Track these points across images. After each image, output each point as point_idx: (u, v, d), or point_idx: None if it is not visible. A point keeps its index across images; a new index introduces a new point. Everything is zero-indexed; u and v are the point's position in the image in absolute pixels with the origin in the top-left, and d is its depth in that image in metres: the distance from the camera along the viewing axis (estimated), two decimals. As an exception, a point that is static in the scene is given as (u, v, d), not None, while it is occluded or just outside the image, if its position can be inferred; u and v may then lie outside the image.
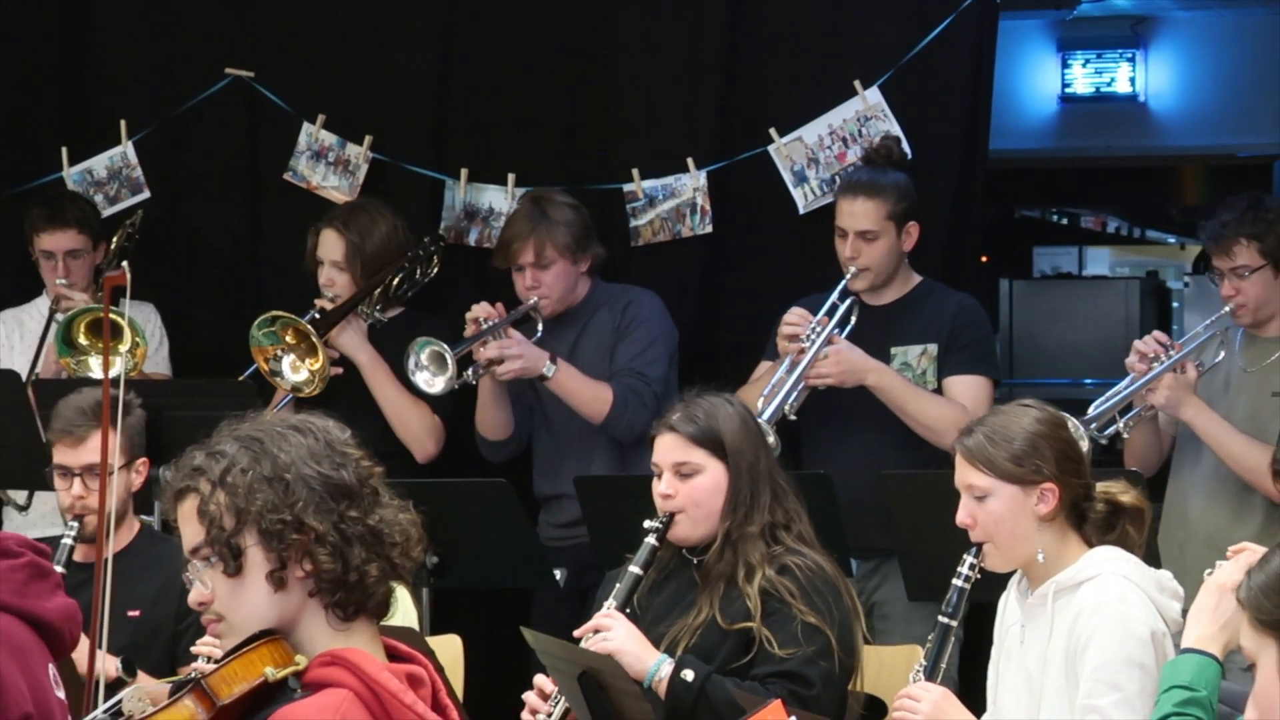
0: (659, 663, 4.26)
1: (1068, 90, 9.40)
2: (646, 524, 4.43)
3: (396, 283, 6.16)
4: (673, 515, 4.43)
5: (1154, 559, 4.22)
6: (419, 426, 6.02)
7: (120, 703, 3.00)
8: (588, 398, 5.85)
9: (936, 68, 6.16)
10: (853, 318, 5.72)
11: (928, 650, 4.16)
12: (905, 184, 5.76)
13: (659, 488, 4.46)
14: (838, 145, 6.19)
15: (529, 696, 4.38)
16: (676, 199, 6.32)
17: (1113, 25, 9.14)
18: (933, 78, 6.17)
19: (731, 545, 4.38)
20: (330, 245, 6.07)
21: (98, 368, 5.97)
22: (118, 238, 6.45)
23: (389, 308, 6.16)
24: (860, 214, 5.70)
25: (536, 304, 5.92)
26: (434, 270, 6.26)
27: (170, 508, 2.86)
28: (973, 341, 5.75)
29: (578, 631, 4.35)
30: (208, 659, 4.30)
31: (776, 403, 5.52)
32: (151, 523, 5.26)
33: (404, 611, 4.62)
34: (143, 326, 6.12)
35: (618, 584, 4.43)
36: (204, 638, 4.36)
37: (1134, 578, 3.98)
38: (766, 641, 4.29)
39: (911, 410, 5.61)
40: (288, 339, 5.97)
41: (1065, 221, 14.06)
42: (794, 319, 5.63)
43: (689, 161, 6.30)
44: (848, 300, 5.73)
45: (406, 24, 6.56)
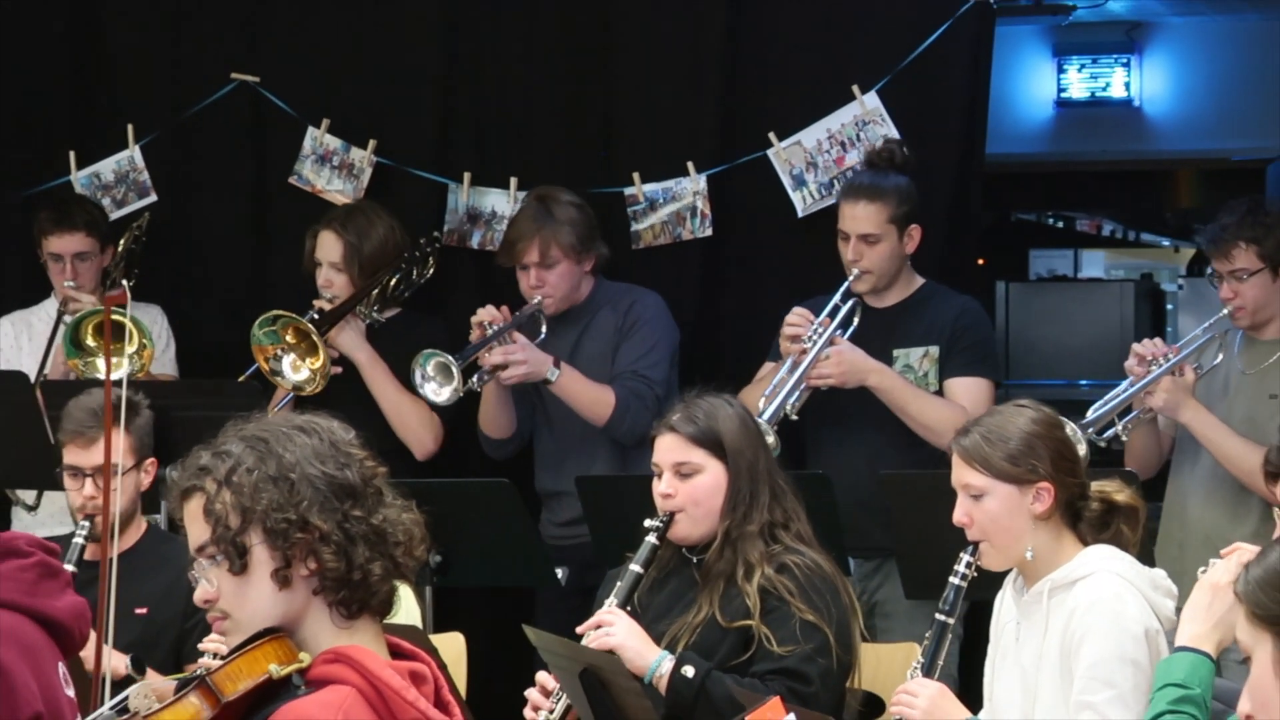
0: (660, 659, 4.27)
1: (1063, 95, 9.37)
2: (647, 523, 4.45)
3: (393, 284, 6.17)
4: (673, 514, 4.44)
5: (1147, 558, 4.24)
6: (418, 424, 6.03)
7: (126, 699, 2.99)
8: (590, 401, 5.87)
9: (934, 73, 6.17)
10: (855, 319, 5.72)
11: (925, 647, 4.18)
12: (907, 187, 5.75)
13: (659, 487, 4.47)
14: (836, 149, 6.20)
15: (531, 694, 4.40)
16: (677, 202, 6.32)
17: (1108, 31, 9.10)
18: (930, 82, 6.18)
19: (731, 544, 4.39)
20: (328, 247, 6.07)
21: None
22: (125, 241, 6.46)
23: (386, 308, 6.17)
24: (862, 217, 5.70)
25: (541, 304, 5.92)
26: (430, 271, 6.27)
27: (176, 507, 2.87)
28: (974, 344, 5.75)
29: (580, 628, 4.36)
30: (214, 655, 4.32)
31: (778, 403, 5.53)
32: (158, 522, 5.29)
33: (407, 609, 4.64)
34: (149, 328, 6.13)
35: (619, 582, 4.44)
36: (210, 635, 4.38)
37: (1128, 576, 3.99)
38: (765, 639, 4.30)
39: (912, 411, 5.62)
40: (288, 338, 5.98)
41: (1061, 225, 14.02)
42: (796, 319, 5.63)
43: (689, 165, 6.30)
44: (850, 302, 5.73)
45: (410, 30, 6.57)
